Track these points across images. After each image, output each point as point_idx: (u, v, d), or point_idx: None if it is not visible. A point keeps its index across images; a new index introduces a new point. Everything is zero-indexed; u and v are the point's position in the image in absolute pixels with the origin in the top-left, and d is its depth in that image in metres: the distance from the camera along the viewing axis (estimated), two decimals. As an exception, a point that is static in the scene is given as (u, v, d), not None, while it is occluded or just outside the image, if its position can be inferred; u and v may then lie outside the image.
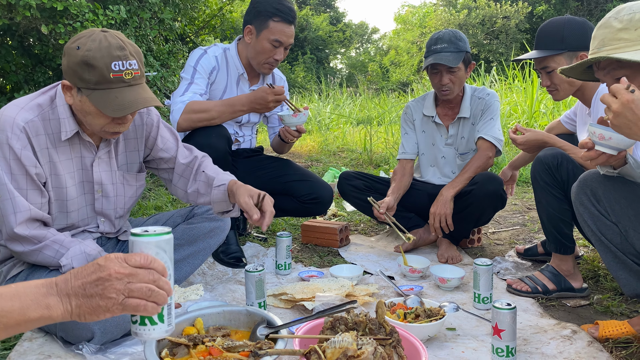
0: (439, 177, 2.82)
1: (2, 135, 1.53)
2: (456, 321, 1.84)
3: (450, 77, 2.54)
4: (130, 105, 1.50)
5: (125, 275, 0.87)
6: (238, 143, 2.72)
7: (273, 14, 2.42)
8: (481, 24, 19.95)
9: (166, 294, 0.92)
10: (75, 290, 0.86)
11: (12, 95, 4.71)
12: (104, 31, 1.51)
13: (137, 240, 0.97)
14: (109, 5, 4.03)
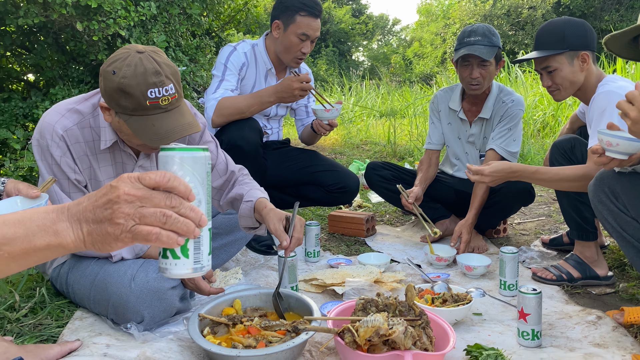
0: (464, 172, 2.86)
1: (43, 142, 1.61)
2: (482, 307, 1.89)
3: (480, 71, 2.52)
4: (168, 134, 1.50)
5: (137, 197, 0.71)
6: (267, 135, 2.80)
7: (300, 8, 2.49)
8: (506, 15, 19.67)
9: (191, 223, 0.75)
10: (85, 214, 0.73)
11: (48, 90, 4.87)
12: (139, 52, 1.49)
13: (163, 155, 0.80)
14: (140, 2, 4.14)
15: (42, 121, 1.63)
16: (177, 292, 1.66)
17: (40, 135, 1.62)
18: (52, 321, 1.65)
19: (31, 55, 4.79)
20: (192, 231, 0.74)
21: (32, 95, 4.58)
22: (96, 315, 1.68)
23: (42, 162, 1.63)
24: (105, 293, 1.60)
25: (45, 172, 1.63)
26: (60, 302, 1.75)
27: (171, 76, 1.52)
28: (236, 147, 2.37)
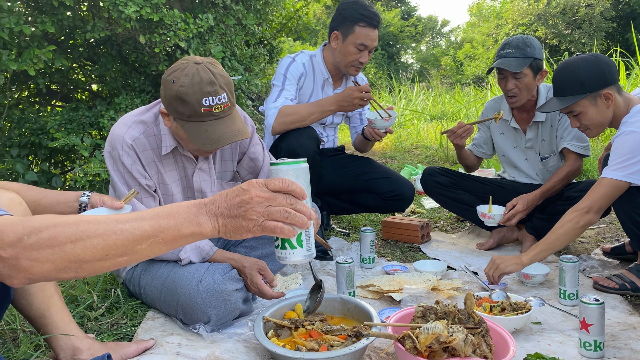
0: (525, 177, 2.83)
1: (115, 152, 1.75)
2: (542, 316, 1.88)
3: (515, 83, 2.50)
4: (219, 140, 1.63)
5: (265, 199, 0.92)
6: (323, 143, 2.87)
7: (359, 19, 2.54)
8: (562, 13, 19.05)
9: (305, 217, 0.96)
10: (221, 210, 0.93)
11: (112, 99, 5.12)
12: (197, 63, 1.63)
13: (276, 168, 1.05)
14: (198, 14, 4.31)
15: (111, 134, 1.76)
16: (241, 295, 1.74)
17: (111, 147, 1.75)
18: (127, 320, 1.77)
19: (96, 67, 5.06)
20: (305, 223, 0.97)
21: (97, 104, 4.83)
22: (166, 316, 1.78)
23: (115, 172, 1.76)
24: (175, 294, 1.70)
25: (118, 181, 1.75)
26: (133, 302, 1.86)
27: (225, 86, 1.65)
28: (294, 155, 2.44)
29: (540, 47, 2.55)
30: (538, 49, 2.52)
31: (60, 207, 1.51)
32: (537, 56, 2.50)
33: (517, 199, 2.53)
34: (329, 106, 2.51)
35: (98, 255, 0.86)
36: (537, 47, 2.53)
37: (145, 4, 3.81)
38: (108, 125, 4.41)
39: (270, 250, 2.14)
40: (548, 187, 2.55)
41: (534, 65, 2.50)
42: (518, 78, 2.50)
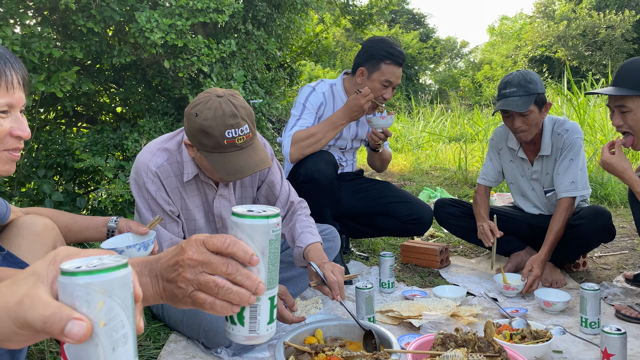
0: (531, 207, 2.83)
1: (140, 179, 1.80)
2: (563, 344, 1.87)
3: (522, 120, 2.50)
4: (242, 170, 1.69)
5: (198, 262, 0.72)
6: (342, 167, 2.91)
7: (385, 57, 2.60)
8: (582, 35, 19.02)
9: (245, 291, 0.72)
10: (161, 271, 0.76)
11: (135, 121, 5.25)
12: (219, 96, 1.69)
13: (232, 220, 0.77)
14: (221, 40, 4.42)
15: (137, 161, 1.82)
16: (262, 320, 1.77)
17: (136, 174, 1.81)
18: (150, 343, 1.80)
19: (121, 90, 5.20)
20: (246, 300, 0.73)
21: (121, 126, 4.95)
22: (188, 339, 1.82)
23: (140, 198, 1.81)
24: (197, 318, 1.73)
25: (142, 207, 1.80)
26: (156, 325, 1.90)
27: (246, 117, 1.70)
28: (312, 180, 2.48)
29: (540, 80, 2.54)
30: (539, 83, 2.51)
31: (90, 232, 1.56)
32: (540, 91, 2.49)
33: (531, 263, 2.46)
34: (340, 120, 2.56)
35: None
36: (539, 82, 2.51)
37: (170, 31, 3.92)
38: (132, 147, 4.51)
39: (290, 274, 2.17)
40: (552, 240, 2.49)
41: (538, 101, 2.49)
42: (524, 116, 2.49)
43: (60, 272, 0.58)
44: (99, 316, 0.59)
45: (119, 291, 0.60)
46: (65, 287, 0.59)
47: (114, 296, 0.60)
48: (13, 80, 1.08)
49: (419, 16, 32.80)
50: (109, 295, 0.59)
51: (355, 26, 7.51)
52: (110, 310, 0.59)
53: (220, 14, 4.07)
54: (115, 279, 0.60)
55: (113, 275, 0.60)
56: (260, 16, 4.91)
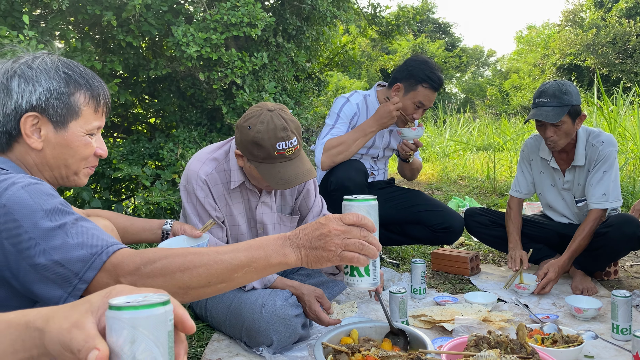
0: (560, 216, 2.85)
1: (190, 186, 1.91)
2: (594, 350, 1.90)
3: (554, 130, 2.52)
4: (291, 180, 1.80)
5: (341, 231, 1.03)
6: (373, 176, 2.98)
7: (424, 80, 2.67)
8: (612, 43, 18.73)
9: (375, 248, 1.06)
10: (303, 242, 1.04)
11: (169, 132, 5.42)
12: (270, 110, 1.80)
13: (349, 204, 1.15)
14: (253, 52, 4.56)
15: (187, 169, 1.93)
16: (300, 320, 1.85)
17: (187, 181, 1.92)
18: (195, 341, 1.90)
19: (155, 102, 5.37)
20: (375, 254, 1.07)
21: (156, 136, 5.12)
22: (231, 338, 1.91)
23: (188, 204, 1.92)
24: (239, 318, 1.83)
25: (191, 212, 1.91)
26: (199, 324, 2.00)
27: (295, 130, 1.81)
28: (343, 188, 2.57)
29: (577, 91, 2.54)
30: (575, 94, 2.52)
31: (146, 234, 1.67)
32: (574, 103, 2.49)
33: (548, 267, 2.53)
34: (370, 127, 2.65)
35: (202, 282, 1.00)
36: (574, 93, 2.52)
37: (205, 44, 4.07)
38: (167, 156, 4.66)
39: (325, 278, 2.25)
40: (574, 248, 2.53)
41: (572, 112, 2.50)
42: (557, 126, 2.51)
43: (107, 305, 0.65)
44: (132, 349, 0.64)
45: (152, 328, 0.65)
46: (107, 320, 0.65)
47: (148, 332, 0.64)
48: (105, 106, 1.20)
49: (444, 25, 32.75)
50: (141, 331, 0.64)
51: (382, 36, 7.59)
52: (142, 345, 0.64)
53: (254, 28, 4.20)
54: (151, 316, 0.65)
55: (148, 313, 0.65)
56: (290, 29, 5.04)
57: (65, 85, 1.13)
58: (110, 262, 0.97)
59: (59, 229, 0.97)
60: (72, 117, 1.14)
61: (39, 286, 0.95)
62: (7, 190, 0.98)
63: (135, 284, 0.96)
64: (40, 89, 1.11)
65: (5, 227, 0.95)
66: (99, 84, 1.19)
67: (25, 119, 1.10)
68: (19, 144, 1.13)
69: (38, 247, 0.95)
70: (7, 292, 0.98)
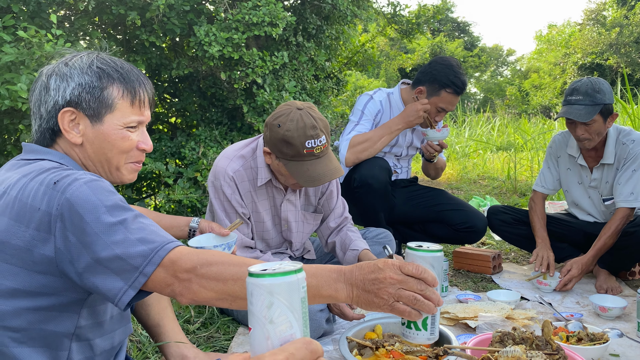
0: (585, 215, 2.83)
1: (217, 182, 1.95)
2: (619, 348, 1.88)
3: (585, 129, 2.48)
4: (319, 178, 1.83)
5: (397, 281, 0.99)
6: (396, 174, 2.99)
7: (447, 85, 2.65)
8: (636, 42, 18.41)
9: (432, 304, 1.01)
10: (357, 282, 1.01)
11: (190, 131, 5.49)
12: (299, 109, 1.83)
13: (413, 254, 1.12)
14: (274, 52, 4.59)
15: (215, 166, 1.97)
16: (324, 315, 1.87)
17: (214, 178, 1.95)
18: (221, 335, 1.93)
19: (176, 101, 5.44)
20: (432, 310, 1.02)
21: (177, 135, 5.18)
22: (255, 333, 1.94)
23: (216, 200, 1.95)
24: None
25: (218, 208, 1.95)
26: (225, 318, 2.03)
27: (324, 129, 1.83)
28: (367, 185, 2.58)
29: (610, 90, 2.51)
30: (608, 93, 2.48)
31: (174, 230, 1.71)
32: (607, 102, 2.46)
33: (572, 263, 2.52)
34: (396, 125, 2.65)
35: None
36: (607, 92, 2.48)
37: (227, 44, 4.11)
38: (189, 154, 4.72)
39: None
40: (599, 246, 2.51)
41: (603, 111, 2.47)
42: (588, 125, 2.48)
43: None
44: (269, 313, 0.74)
45: (286, 294, 0.74)
46: (247, 286, 0.76)
47: (283, 298, 0.73)
48: (144, 99, 1.21)
49: (463, 24, 32.51)
50: (277, 297, 0.73)
51: (401, 35, 7.58)
52: (278, 310, 0.74)
53: (275, 27, 4.24)
54: (285, 283, 0.74)
55: (283, 280, 0.74)
56: (310, 28, 5.06)
57: (98, 79, 1.15)
58: (168, 258, 1.00)
59: (120, 225, 1.00)
60: (106, 111, 1.15)
61: (100, 277, 0.98)
62: (70, 185, 1.00)
63: (190, 282, 1.00)
64: (73, 84, 1.13)
65: (70, 221, 0.98)
66: (137, 78, 1.20)
67: (62, 114, 1.13)
68: (62, 140, 1.16)
69: (100, 240, 0.98)
70: (64, 283, 1.02)
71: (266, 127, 1.87)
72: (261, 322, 0.76)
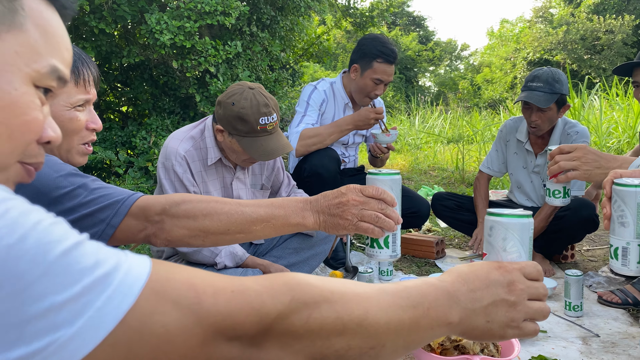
0: (525, 200, 2.99)
1: (168, 162, 1.97)
2: (547, 325, 2.02)
3: (539, 115, 2.63)
4: (273, 152, 1.92)
5: (360, 202, 1.07)
6: (344, 163, 3.06)
7: (377, 55, 2.75)
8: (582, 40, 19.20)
9: (392, 221, 1.09)
10: (322, 208, 1.09)
11: (142, 120, 5.41)
12: (251, 88, 1.90)
13: (372, 178, 1.18)
14: (227, 41, 4.58)
15: (166, 147, 1.99)
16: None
17: (165, 158, 1.98)
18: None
19: (128, 90, 5.35)
20: (392, 227, 1.10)
21: (129, 124, 5.11)
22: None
23: (166, 180, 1.98)
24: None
25: (169, 188, 1.97)
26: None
27: (274, 107, 1.93)
28: (317, 175, 2.65)
29: (567, 82, 2.66)
30: (565, 84, 2.63)
31: None
32: (564, 92, 2.60)
33: (478, 233, 2.70)
34: (346, 125, 2.74)
35: (222, 229, 1.09)
36: (565, 83, 2.63)
37: (179, 32, 4.08)
38: (140, 144, 4.66)
39: (295, 259, 2.32)
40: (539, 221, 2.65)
41: (559, 100, 2.62)
42: (543, 112, 2.62)
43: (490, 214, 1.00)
44: (504, 244, 0.96)
45: (519, 231, 0.96)
46: (486, 222, 1.00)
47: (516, 234, 0.95)
48: (89, 78, 1.22)
49: (419, 19, 33.01)
50: (512, 232, 0.96)
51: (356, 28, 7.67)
52: (511, 242, 0.96)
53: (227, 17, 4.23)
54: (519, 223, 0.96)
55: (517, 220, 0.96)
56: (264, 18, 5.07)
57: None
58: (136, 206, 1.06)
59: (80, 188, 1.05)
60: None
61: None
62: None
63: (162, 222, 1.08)
64: None
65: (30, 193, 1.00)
66: (79, 57, 1.20)
67: None
68: None
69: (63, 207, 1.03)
70: None
71: (219, 105, 1.92)
72: (496, 250, 0.97)
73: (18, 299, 0.41)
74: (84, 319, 0.44)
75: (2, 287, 0.41)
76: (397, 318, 0.63)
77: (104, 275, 0.46)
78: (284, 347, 0.56)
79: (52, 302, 0.42)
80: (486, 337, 0.74)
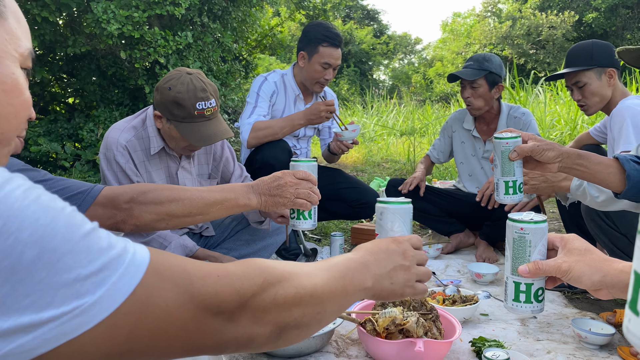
0: (475, 188, 3.09)
1: (110, 153, 1.94)
2: (489, 309, 2.11)
3: (471, 92, 2.80)
4: (210, 138, 1.90)
5: (294, 183, 1.42)
6: (296, 155, 3.08)
7: (322, 40, 2.80)
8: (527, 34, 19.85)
9: (317, 197, 1.47)
10: (264, 191, 1.42)
11: (89, 112, 5.25)
12: (189, 73, 1.88)
13: (297, 164, 1.56)
14: (177, 32, 4.50)
15: (106, 138, 1.96)
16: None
17: (106, 149, 1.94)
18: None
19: (74, 80, 5.18)
20: (317, 201, 1.50)
21: (75, 116, 4.95)
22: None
23: (109, 171, 1.94)
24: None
25: (112, 179, 1.94)
26: None
27: (213, 93, 1.92)
28: (268, 166, 2.65)
29: (499, 64, 2.82)
30: (496, 64, 2.80)
31: None
32: (493, 70, 2.77)
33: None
34: (299, 120, 2.75)
35: (185, 212, 1.28)
36: (495, 63, 2.80)
37: (127, 22, 3.98)
38: (87, 136, 4.53)
39: (246, 251, 2.33)
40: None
41: (489, 78, 2.78)
42: (474, 87, 2.79)
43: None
44: (392, 226, 1.18)
45: (402, 215, 1.19)
46: (377, 209, 1.21)
47: (401, 217, 1.18)
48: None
49: (373, 12, 33.28)
50: (397, 216, 1.18)
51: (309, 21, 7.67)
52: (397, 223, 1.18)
53: (177, 7, 4.15)
54: (402, 209, 1.19)
55: (400, 206, 1.19)
56: (216, 9, 5.01)
57: None
58: (102, 196, 1.18)
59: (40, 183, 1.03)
60: None
61: None
62: None
63: (131, 209, 1.25)
64: None
65: None
66: None
67: None
68: None
69: None
70: None
71: (157, 91, 1.90)
72: (386, 230, 1.19)
73: (53, 269, 0.50)
74: (103, 290, 0.53)
75: (41, 258, 0.49)
76: (334, 287, 0.77)
77: (117, 256, 0.55)
78: (256, 320, 0.66)
79: (78, 274, 0.51)
80: (391, 296, 0.91)
